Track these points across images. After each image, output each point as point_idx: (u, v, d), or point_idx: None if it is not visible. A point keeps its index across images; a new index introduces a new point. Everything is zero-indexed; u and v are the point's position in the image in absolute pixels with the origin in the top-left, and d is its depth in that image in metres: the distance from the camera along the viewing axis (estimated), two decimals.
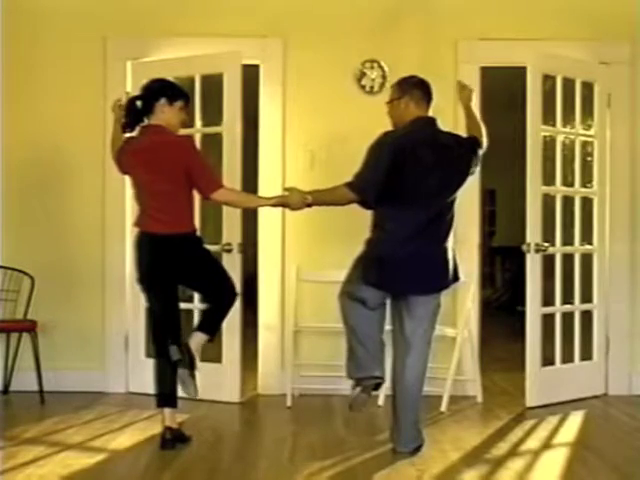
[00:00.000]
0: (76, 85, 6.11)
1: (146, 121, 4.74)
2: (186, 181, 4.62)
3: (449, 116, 6.07)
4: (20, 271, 5.98)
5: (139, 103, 4.73)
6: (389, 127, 6.02)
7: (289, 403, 5.66)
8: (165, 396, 4.70)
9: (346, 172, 4.66)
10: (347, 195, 4.52)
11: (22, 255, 6.03)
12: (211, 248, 5.87)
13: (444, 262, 4.58)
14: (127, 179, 6.06)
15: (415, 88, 4.71)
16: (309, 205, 4.63)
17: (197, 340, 4.72)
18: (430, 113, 4.64)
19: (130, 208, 6.07)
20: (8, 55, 6.00)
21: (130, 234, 6.06)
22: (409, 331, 4.60)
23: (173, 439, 4.63)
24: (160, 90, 4.72)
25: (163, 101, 4.68)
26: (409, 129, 4.62)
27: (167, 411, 4.68)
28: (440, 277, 4.60)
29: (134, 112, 4.73)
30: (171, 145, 4.64)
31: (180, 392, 4.81)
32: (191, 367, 4.63)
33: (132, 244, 4.90)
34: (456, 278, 4.68)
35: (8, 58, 6.00)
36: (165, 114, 4.69)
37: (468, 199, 6.07)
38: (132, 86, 6.04)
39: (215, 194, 4.63)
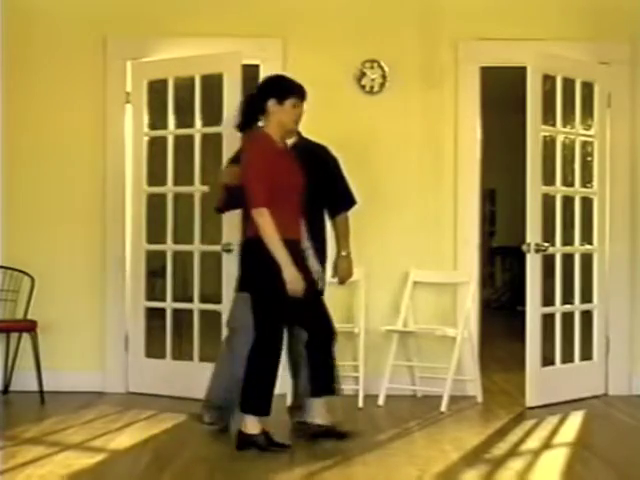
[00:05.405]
0: (76, 85, 6.10)
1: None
2: None
3: (450, 116, 6.09)
4: (20, 271, 5.98)
5: (254, 102, 4.63)
6: (389, 127, 6.10)
7: (289, 403, 5.66)
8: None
9: (346, 172, 4.68)
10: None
11: (22, 255, 6.03)
12: (212, 248, 5.90)
13: None
14: (127, 179, 6.09)
15: None
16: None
17: None
18: (429, 112, 4.65)
19: (130, 208, 6.07)
20: (8, 55, 5.99)
21: (130, 233, 6.07)
22: None
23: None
24: (269, 90, 4.61)
25: (272, 102, 4.56)
26: None
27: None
28: None
29: (247, 111, 4.63)
30: (242, 154, 4.62)
31: (185, 393, 4.87)
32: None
33: None
34: None
35: (8, 58, 5.99)
36: (275, 114, 4.56)
37: (468, 199, 6.10)
38: (132, 86, 6.05)
39: (254, 211, 4.45)
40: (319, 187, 4.75)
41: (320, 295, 4.72)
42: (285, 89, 4.61)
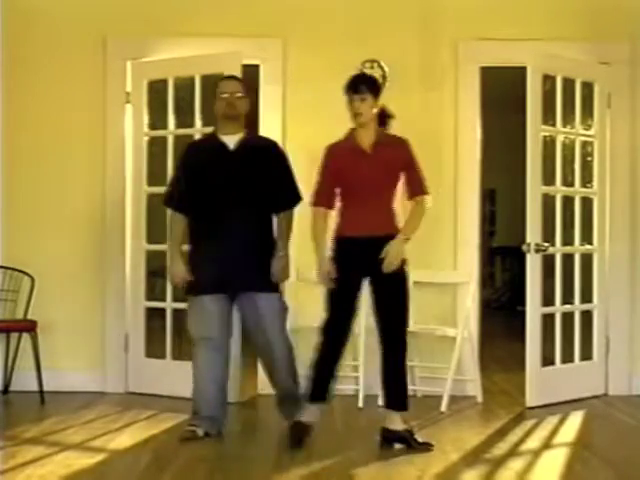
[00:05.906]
0: (76, 85, 6.11)
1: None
2: None
3: (450, 116, 6.09)
4: (20, 271, 5.98)
5: None
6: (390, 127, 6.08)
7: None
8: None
9: None
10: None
11: (22, 255, 6.03)
12: None
13: None
14: (127, 179, 6.10)
15: None
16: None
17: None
18: (430, 112, 4.63)
19: (130, 207, 6.07)
20: (8, 55, 5.99)
21: (130, 233, 6.07)
22: None
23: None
24: None
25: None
26: None
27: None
28: None
29: None
30: None
31: (185, 393, 4.88)
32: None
33: None
34: None
35: (8, 58, 5.99)
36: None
37: (468, 199, 6.10)
38: (132, 86, 6.06)
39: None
40: (264, 183, 4.81)
41: (394, 299, 4.72)
42: (347, 86, 4.68)
